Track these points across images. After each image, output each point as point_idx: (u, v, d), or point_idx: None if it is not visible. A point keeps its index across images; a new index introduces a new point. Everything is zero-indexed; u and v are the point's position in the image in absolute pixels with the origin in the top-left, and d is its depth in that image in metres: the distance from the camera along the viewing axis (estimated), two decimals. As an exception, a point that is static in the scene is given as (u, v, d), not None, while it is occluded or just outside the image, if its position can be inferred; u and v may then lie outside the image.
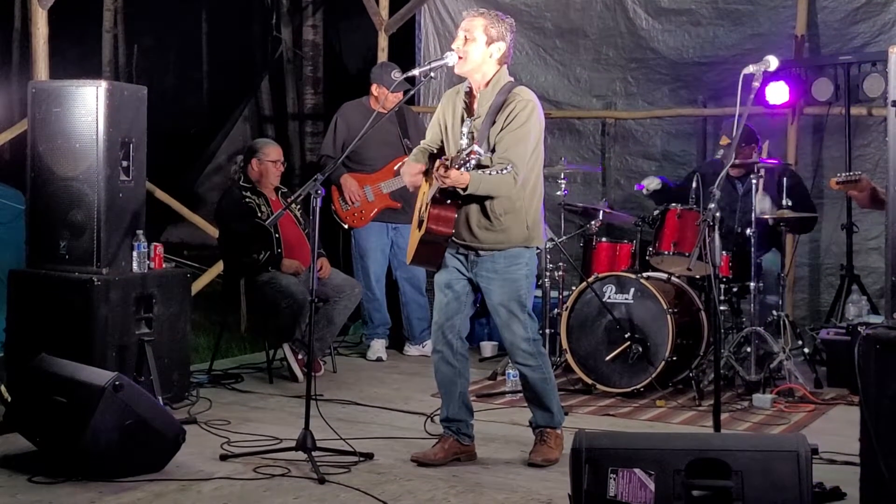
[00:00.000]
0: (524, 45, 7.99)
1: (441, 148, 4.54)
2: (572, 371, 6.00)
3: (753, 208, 5.84)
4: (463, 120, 4.40)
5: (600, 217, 6.46)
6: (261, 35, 14.80)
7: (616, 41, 7.84)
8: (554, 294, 6.51)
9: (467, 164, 4.06)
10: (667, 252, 5.98)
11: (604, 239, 6.51)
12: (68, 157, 5.16)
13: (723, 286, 5.95)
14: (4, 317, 5.43)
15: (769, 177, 6.22)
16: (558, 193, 6.52)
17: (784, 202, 5.95)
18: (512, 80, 4.42)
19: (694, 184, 6.02)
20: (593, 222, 6.45)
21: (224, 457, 4.47)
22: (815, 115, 7.15)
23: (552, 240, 6.29)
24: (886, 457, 3.40)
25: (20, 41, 15.56)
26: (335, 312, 6.20)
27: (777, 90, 6.79)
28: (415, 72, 4.60)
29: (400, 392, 5.93)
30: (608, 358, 5.85)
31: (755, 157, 5.98)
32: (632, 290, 5.88)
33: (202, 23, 17.57)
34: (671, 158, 7.56)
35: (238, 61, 15.91)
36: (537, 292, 5.89)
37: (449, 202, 4.29)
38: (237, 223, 6.22)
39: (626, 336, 5.80)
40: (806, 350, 6.22)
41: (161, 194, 7.46)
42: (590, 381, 5.88)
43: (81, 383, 4.19)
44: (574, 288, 6.21)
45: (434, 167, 4.23)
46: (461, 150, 4.09)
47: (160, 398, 4.94)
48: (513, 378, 5.73)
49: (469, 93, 4.43)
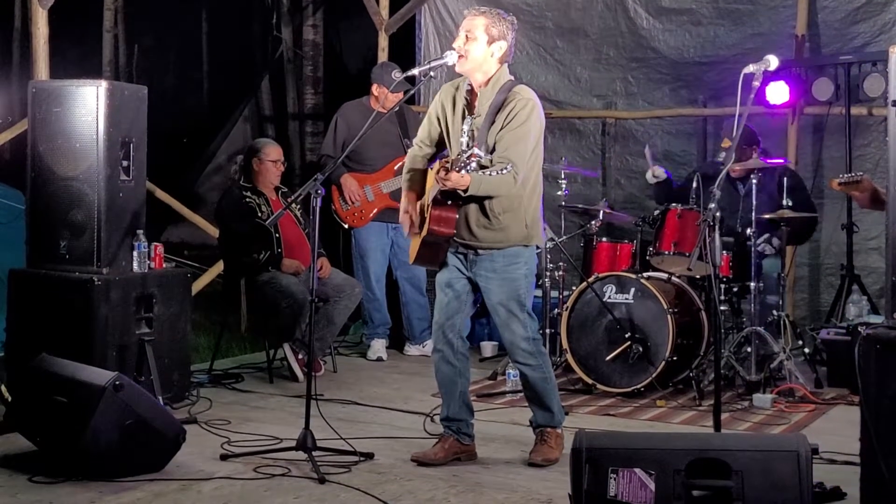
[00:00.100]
0: (524, 45, 7.98)
1: (437, 144, 4.55)
2: (572, 371, 6.00)
3: (754, 208, 5.84)
4: (464, 117, 4.40)
5: (600, 217, 6.46)
6: (261, 35, 14.79)
7: (617, 41, 7.84)
8: (554, 294, 6.50)
9: (468, 167, 4.06)
10: (667, 252, 5.98)
11: (604, 239, 6.51)
12: (68, 157, 5.16)
13: (723, 286, 5.95)
14: (5, 317, 5.42)
15: (769, 177, 6.22)
16: (558, 193, 6.52)
17: (784, 202, 5.95)
18: (512, 79, 4.41)
19: (694, 184, 6.02)
20: (593, 222, 6.45)
21: (224, 456, 4.47)
22: (816, 115, 7.16)
23: (552, 240, 6.29)
24: (886, 457, 3.39)
25: (20, 41, 15.56)
26: (335, 312, 6.20)
27: (777, 90, 6.79)
28: (415, 71, 4.61)
29: (400, 392, 5.93)
30: (608, 358, 5.85)
31: (755, 158, 5.97)
32: (632, 290, 5.88)
33: (202, 23, 17.55)
34: (671, 158, 7.55)
35: (238, 61, 15.90)
36: (537, 292, 5.89)
37: (450, 203, 4.30)
38: (237, 223, 6.22)
39: (627, 336, 5.80)
40: (806, 350, 6.22)
41: (161, 194, 7.46)
42: (590, 381, 5.88)
43: (82, 383, 4.19)
44: (574, 288, 6.21)
45: (435, 170, 4.24)
46: (462, 153, 4.09)
47: (160, 398, 4.94)
48: (513, 378, 5.73)
49: (470, 91, 4.42)
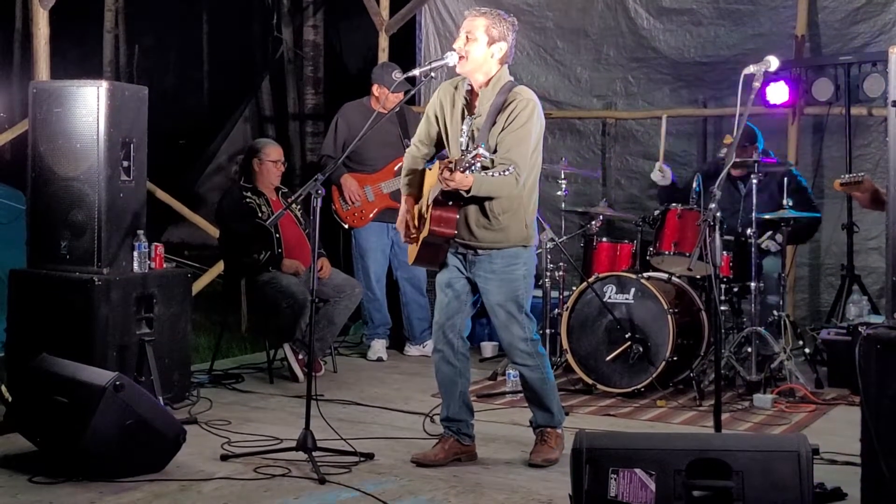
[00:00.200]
0: (525, 45, 7.98)
1: (435, 144, 4.54)
2: (573, 371, 6.00)
3: (754, 208, 5.84)
4: (463, 117, 4.40)
5: (600, 217, 6.46)
6: (261, 35, 14.80)
7: (617, 41, 7.85)
8: (554, 294, 6.50)
9: (472, 167, 4.05)
10: (667, 252, 5.98)
11: (604, 239, 6.51)
12: (69, 157, 5.16)
13: (723, 286, 5.95)
14: (5, 317, 5.43)
15: (771, 177, 6.22)
16: (558, 193, 6.52)
17: (785, 202, 5.95)
18: (512, 80, 4.41)
19: (695, 183, 6.01)
20: (594, 222, 6.46)
21: (224, 457, 4.47)
22: (816, 115, 7.16)
23: (553, 240, 6.29)
24: (887, 457, 3.39)
25: (21, 41, 15.58)
26: (335, 312, 6.20)
27: (777, 90, 6.80)
28: (415, 72, 4.60)
29: (400, 392, 5.93)
30: (609, 358, 5.84)
31: (756, 157, 5.97)
32: (632, 291, 5.88)
33: (203, 23, 17.56)
34: (672, 158, 7.55)
35: (239, 61, 15.91)
36: (537, 292, 5.89)
37: (451, 203, 4.29)
38: (238, 223, 6.22)
39: (627, 336, 5.80)
40: (807, 350, 6.21)
41: (162, 194, 7.46)
42: (590, 381, 5.88)
43: (82, 383, 4.19)
44: (574, 288, 6.21)
45: (438, 169, 4.22)
46: (466, 153, 4.07)
47: (161, 398, 4.94)
48: (513, 378, 5.72)
49: (470, 90, 4.42)
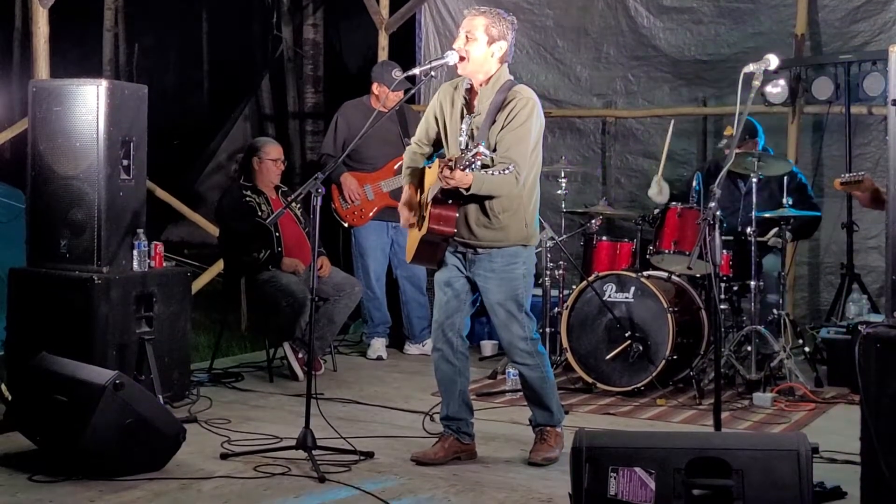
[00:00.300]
0: (525, 44, 7.98)
1: (435, 143, 4.54)
2: (573, 370, 5.99)
3: (754, 207, 5.84)
4: (462, 116, 4.40)
5: (600, 216, 6.46)
6: (261, 34, 14.78)
7: (617, 39, 7.85)
8: (554, 293, 6.50)
9: (473, 165, 4.05)
10: (667, 251, 5.97)
11: (604, 238, 6.51)
12: (69, 156, 5.16)
13: (723, 285, 5.95)
14: (5, 315, 5.43)
15: (771, 176, 6.21)
16: (558, 192, 6.52)
17: (785, 201, 5.95)
18: (511, 79, 4.41)
19: (695, 182, 6.01)
20: (593, 221, 6.45)
21: (224, 455, 4.47)
22: (816, 114, 7.16)
23: (552, 239, 6.29)
24: (887, 456, 3.39)
25: (21, 40, 15.56)
26: (335, 311, 6.20)
27: (777, 89, 6.79)
28: (415, 71, 4.60)
29: (400, 391, 5.93)
30: (608, 357, 5.84)
31: (756, 152, 5.97)
32: (632, 289, 5.87)
33: (202, 22, 17.54)
34: (672, 157, 7.54)
35: (238, 60, 15.89)
36: (537, 291, 5.89)
37: (450, 202, 4.28)
38: (237, 222, 6.22)
39: (627, 335, 5.80)
40: (806, 349, 6.21)
41: (161, 193, 7.46)
42: (590, 380, 5.88)
43: (82, 382, 4.19)
44: (574, 287, 6.21)
45: (438, 167, 4.22)
46: (466, 151, 4.06)
47: (160, 397, 4.94)
48: (513, 377, 5.72)
49: (470, 89, 4.42)
